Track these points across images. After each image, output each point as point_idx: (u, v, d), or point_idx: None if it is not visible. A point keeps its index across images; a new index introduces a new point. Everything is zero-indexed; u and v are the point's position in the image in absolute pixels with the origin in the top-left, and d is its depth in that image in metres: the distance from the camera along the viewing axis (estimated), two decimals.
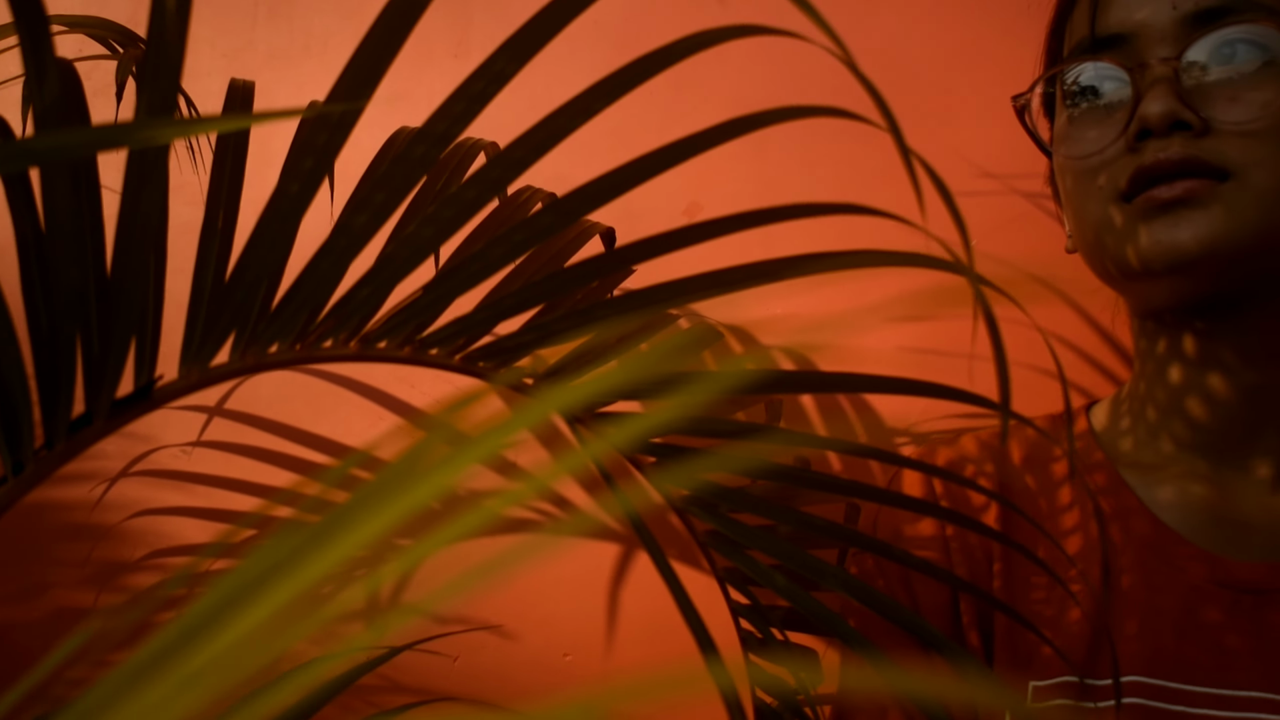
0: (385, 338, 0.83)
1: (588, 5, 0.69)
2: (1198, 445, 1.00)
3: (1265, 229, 0.90)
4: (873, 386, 0.85)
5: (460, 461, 0.36)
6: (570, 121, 0.73)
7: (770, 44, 1.43)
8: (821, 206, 0.70)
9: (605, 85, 0.71)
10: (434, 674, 1.45)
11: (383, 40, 0.71)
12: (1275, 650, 0.92)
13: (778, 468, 0.86)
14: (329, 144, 0.74)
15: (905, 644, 0.99)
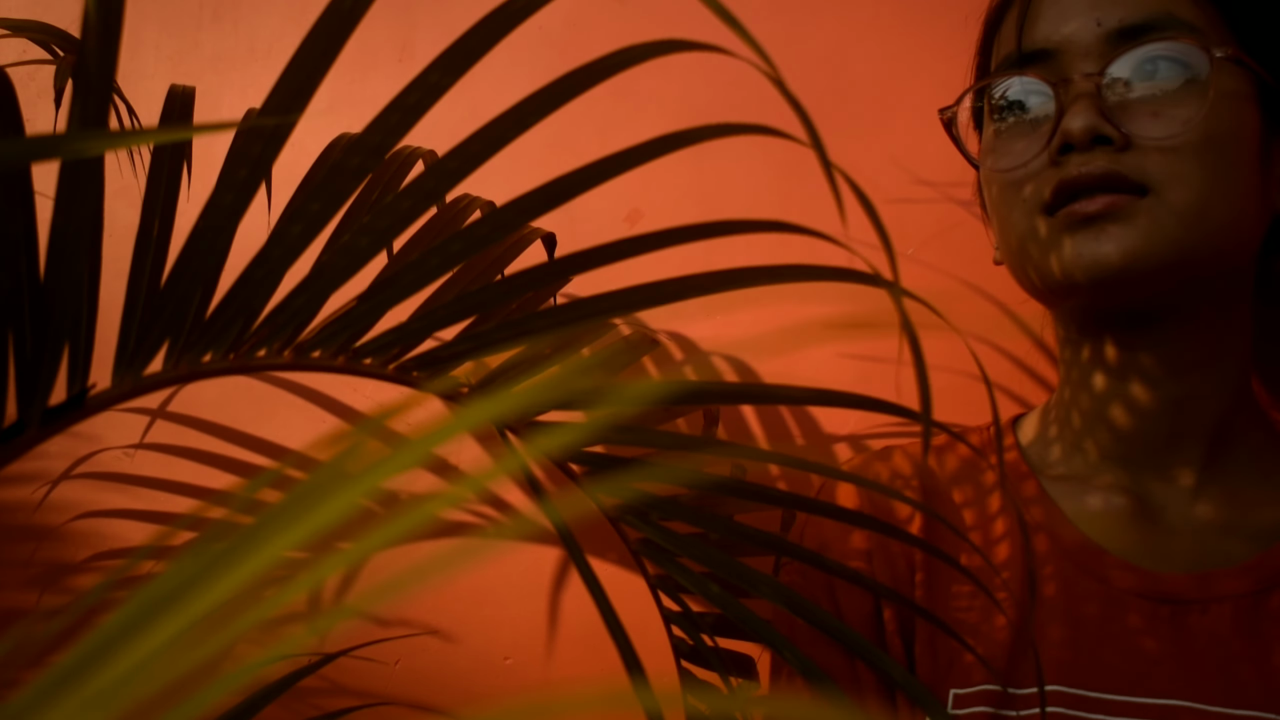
0: (319, 347, 0.83)
1: (521, 20, 0.70)
2: (1121, 456, 1.02)
3: (1184, 243, 0.92)
4: (796, 398, 0.87)
5: (385, 470, 0.36)
6: (505, 133, 0.73)
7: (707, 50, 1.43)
8: (752, 224, 0.71)
9: (538, 99, 0.71)
10: (375, 677, 1.45)
11: (318, 50, 0.71)
12: (1194, 658, 0.93)
13: (706, 477, 0.87)
14: (264, 155, 0.74)
15: (831, 651, 1.00)
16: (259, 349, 0.82)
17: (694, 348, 1.40)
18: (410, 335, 0.83)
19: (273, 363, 0.82)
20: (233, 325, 0.79)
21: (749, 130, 0.67)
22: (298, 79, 0.72)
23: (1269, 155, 0.98)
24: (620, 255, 0.76)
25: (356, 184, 0.78)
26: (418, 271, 0.79)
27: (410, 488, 1.41)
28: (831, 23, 1.42)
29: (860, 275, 0.70)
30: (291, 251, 0.78)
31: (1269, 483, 1.01)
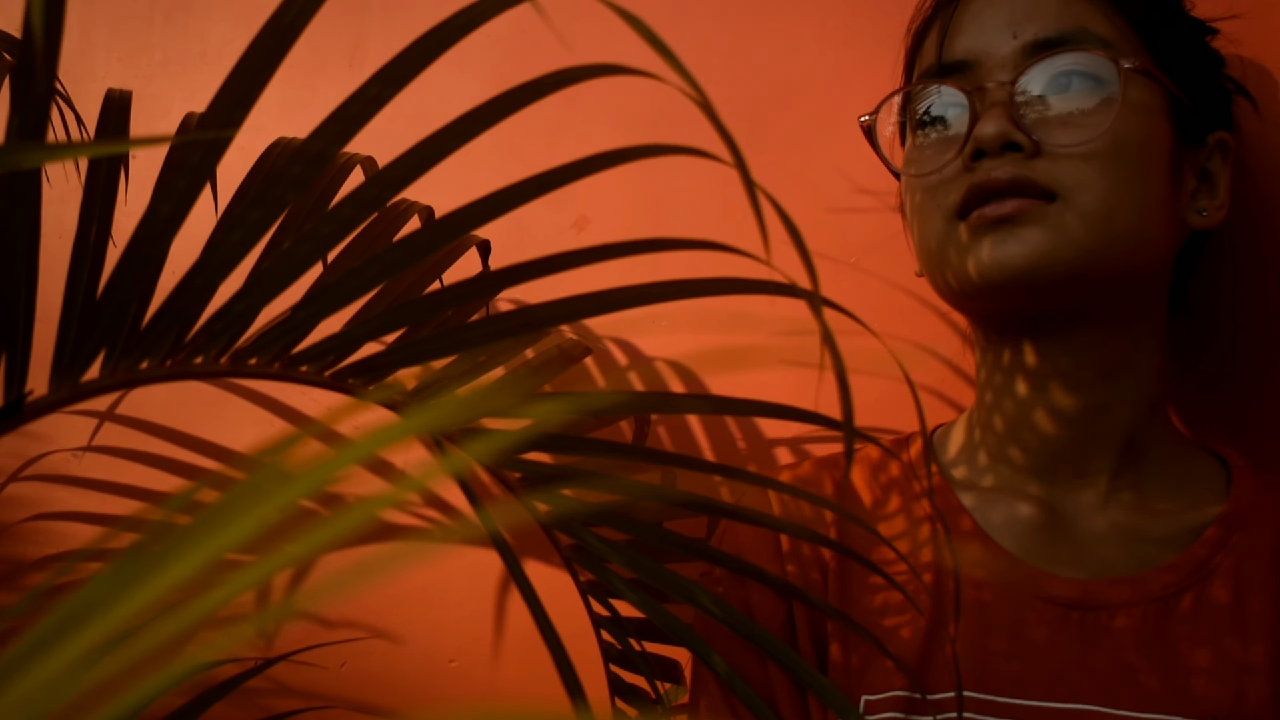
0: (256, 354, 0.84)
1: (459, 38, 0.71)
2: (1033, 464, 1.04)
3: (1090, 248, 0.95)
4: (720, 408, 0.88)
5: (315, 475, 0.37)
6: (447, 145, 0.74)
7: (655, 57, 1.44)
8: (679, 242, 0.72)
9: (480, 113, 0.72)
10: (321, 678, 1.45)
11: (259, 62, 0.72)
12: (1101, 664, 0.95)
13: (633, 485, 0.88)
14: (203, 164, 0.75)
15: (746, 655, 1.01)
16: (196, 356, 0.82)
17: (638, 354, 1.41)
18: (347, 343, 0.84)
19: (210, 370, 0.83)
20: (170, 332, 0.80)
21: (679, 151, 0.68)
22: (239, 89, 0.73)
23: (1179, 169, 1.01)
24: (554, 269, 0.77)
25: (297, 192, 0.79)
26: (356, 280, 0.80)
27: (353, 490, 1.42)
28: (777, 33, 1.43)
29: (780, 287, 0.71)
30: (230, 259, 0.78)
31: (1178, 491, 1.03)
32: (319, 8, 0.71)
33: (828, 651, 1.03)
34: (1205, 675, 0.93)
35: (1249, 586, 0.96)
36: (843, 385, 0.66)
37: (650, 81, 1.46)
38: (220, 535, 0.36)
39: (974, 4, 1.04)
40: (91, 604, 0.35)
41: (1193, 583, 0.97)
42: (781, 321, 1.32)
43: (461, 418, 0.78)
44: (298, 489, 0.37)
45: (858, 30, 1.38)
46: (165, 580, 0.35)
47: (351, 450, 0.39)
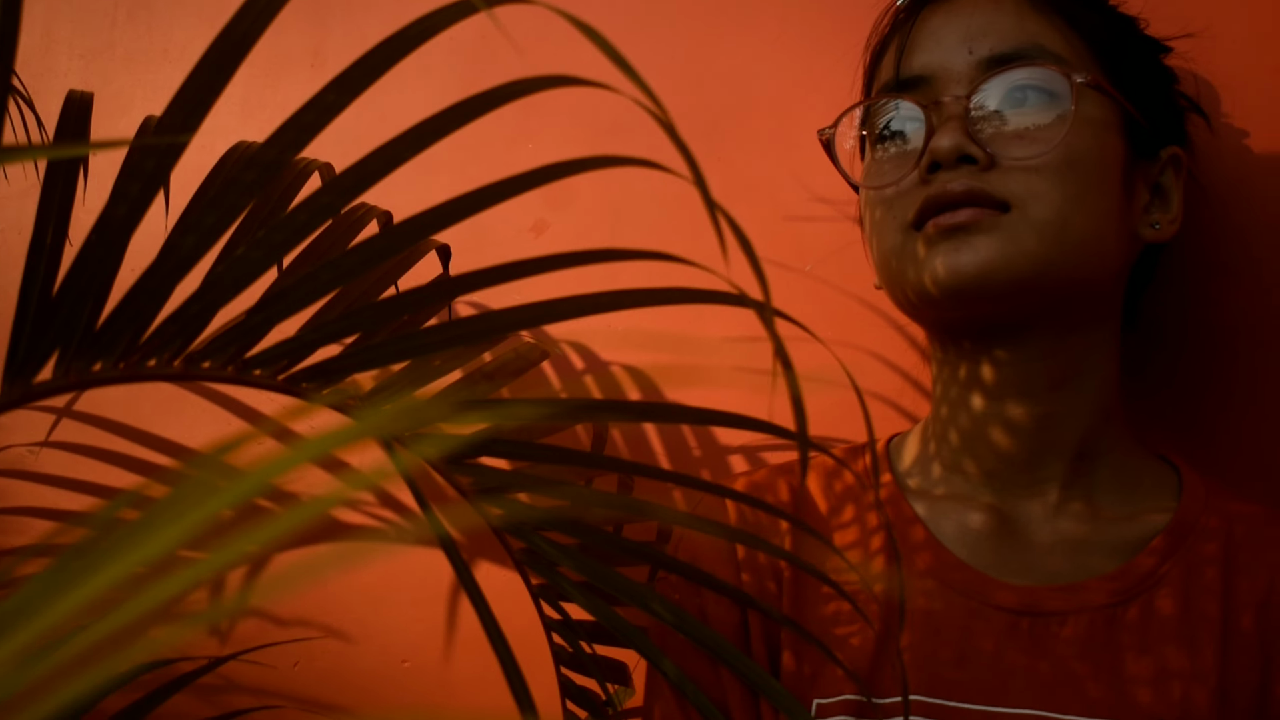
0: (210, 357, 0.84)
1: (414, 48, 0.71)
2: (986, 474, 1.05)
3: (1043, 258, 0.96)
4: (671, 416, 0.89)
5: (255, 478, 0.38)
6: (401, 153, 0.74)
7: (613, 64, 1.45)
8: (631, 252, 0.73)
9: (434, 123, 0.72)
10: (274, 676, 1.46)
11: (215, 67, 0.72)
12: (1048, 670, 0.97)
13: (586, 491, 0.89)
14: (158, 169, 0.75)
15: (700, 660, 1.02)
16: (150, 358, 0.83)
17: (595, 358, 1.41)
18: (300, 347, 0.85)
19: (163, 372, 0.83)
20: (123, 335, 0.80)
21: (634, 163, 0.69)
22: (195, 94, 0.73)
23: (1132, 182, 1.02)
24: (509, 277, 0.78)
25: (251, 198, 0.79)
26: (310, 285, 0.80)
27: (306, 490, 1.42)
28: (736, 42, 1.44)
29: (730, 297, 0.72)
30: (184, 263, 0.79)
31: (1130, 499, 1.04)
32: (275, 14, 0.71)
33: (781, 658, 1.03)
34: (1151, 684, 0.95)
35: (1195, 596, 0.98)
36: (795, 394, 0.67)
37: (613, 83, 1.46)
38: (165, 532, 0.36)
39: (931, 20, 1.05)
40: (33, 600, 0.35)
41: (1139, 592, 0.98)
42: (739, 327, 1.33)
43: (411, 421, 0.78)
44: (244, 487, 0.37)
45: (815, 40, 1.39)
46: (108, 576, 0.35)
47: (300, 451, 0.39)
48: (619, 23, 1.49)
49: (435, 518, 0.82)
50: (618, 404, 1.24)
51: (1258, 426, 1.18)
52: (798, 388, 0.66)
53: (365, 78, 0.72)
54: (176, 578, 0.35)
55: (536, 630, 1.07)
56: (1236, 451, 1.18)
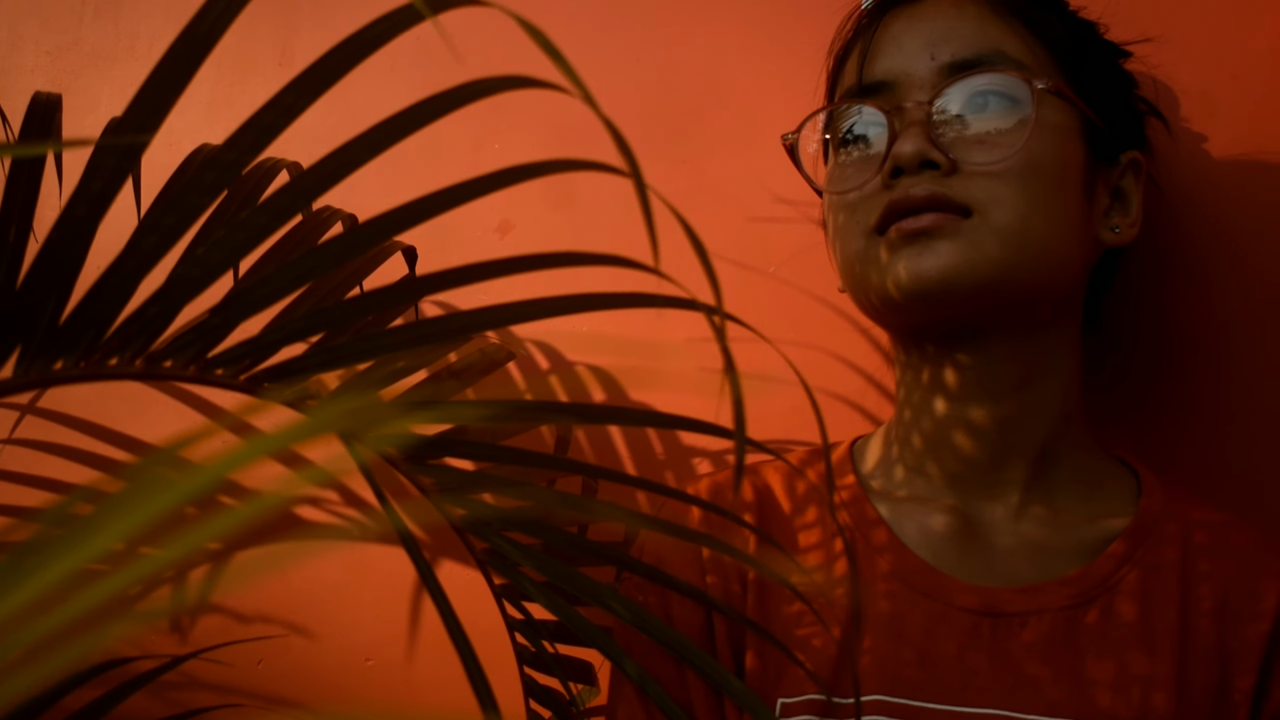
0: (172, 357, 0.84)
1: (372, 51, 0.71)
2: (949, 477, 1.06)
3: (1004, 262, 0.97)
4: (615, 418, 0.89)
5: (204, 474, 0.38)
6: (359, 156, 0.74)
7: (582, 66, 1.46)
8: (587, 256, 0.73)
9: (389, 125, 0.72)
10: (236, 675, 1.46)
11: (177, 66, 0.72)
12: (1013, 670, 0.97)
13: (548, 492, 0.90)
14: (119, 168, 0.76)
15: (665, 660, 1.03)
16: (111, 357, 0.83)
17: (560, 358, 1.42)
18: (262, 347, 0.85)
19: (124, 371, 0.83)
20: (85, 334, 0.80)
21: (580, 167, 0.69)
22: (156, 94, 0.73)
23: (1092, 187, 1.03)
24: (471, 279, 0.78)
25: (212, 199, 0.79)
26: (270, 286, 0.81)
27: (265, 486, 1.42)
28: (702, 45, 1.45)
29: (682, 301, 0.72)
30: (146, 263, 0.79)
31: (1090, 502, 1.05)
32: (237, 13, 0.72)
33: (744, 659, 1.04)
34: (1111, 686, 0.96)
35: (1154, 601, 0.99)
36: (736, 395, 0.68)
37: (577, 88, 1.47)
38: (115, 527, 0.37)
39: (893, 26, 1.06)
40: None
41: (1097, 595, 0.99)
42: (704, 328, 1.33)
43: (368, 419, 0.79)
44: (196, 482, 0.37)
45: (780, 44, 1.39)
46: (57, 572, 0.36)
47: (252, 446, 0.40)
48: (587, 26, 1.50)
49: (395, 513, 0.83)
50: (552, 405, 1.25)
51: (1216, 429, 1.19)
52: (739, 388, 0.66)
53: (323, 80, 0.72)
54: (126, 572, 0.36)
55: (501, 629, 1.08)
56: (1195, 454, 1.19)
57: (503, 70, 0.68)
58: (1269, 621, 0.97)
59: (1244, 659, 0.96)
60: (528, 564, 0.92)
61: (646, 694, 0.95)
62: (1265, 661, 0.96)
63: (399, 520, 0.83)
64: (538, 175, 0.72)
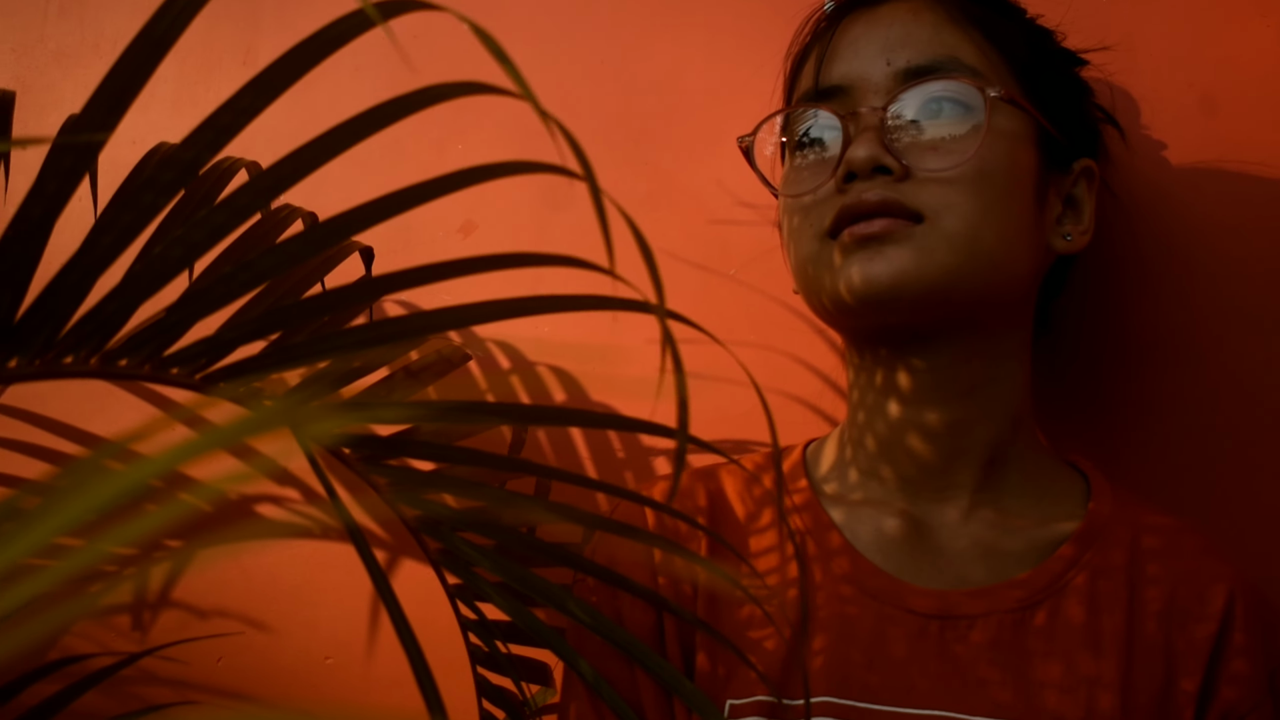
0: (127, 355, 0.84)
1: (329, 54, 0.72)
2: (900, 480, 1.07)
3: (954, 268, 0.98)
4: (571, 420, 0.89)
5: (144, 467, 0.38)
6: (317, 156, 0.75)
7: (545, 69, 1.46)
8: (539, 257, 0.74)
9: (344, 130, 0.72)
10: (195, 672, 1.46)
11: (134, 66, 0.72)
12: (959, 671, 0.98)
13: (502, 493, 0.90)
14: (74, 168, 0.75)
15: (616, 661, 1.03)
16: (66, 355, 0.83)
17: (521, 359, 1.42)
18: (218, 346, 0.85)
19: (80, 370, 0.83)
20: (40, 332, 0.80)
21: (534, 169, 0.70)
22: (112, 94, 0.73)
23: (1044, 194, 1.04)
24: (428, 279, 0.78)
25: (169, 198, 0.79)
26: (227, 284, 0.81)
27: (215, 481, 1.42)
28: (664, 50, 1.45)
29: (631, 303, 0.73)
30: (102, 261, 0.79)
31: (1039, 505, 1.06)
32: (195, 14, 0.72)
33: (695, 660, 1.04)
34: (1057, 687, 0.96)
35: (1102, 603, 0.99)
36: (681, 395, 0.68)
37: (545, 88, 1.47)
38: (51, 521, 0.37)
39: (851, 30, 1.07)
40: None
41: (1046, 597, 1.00)
42: None
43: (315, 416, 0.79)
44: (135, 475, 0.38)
45: (742, 49, 1.40)
46: None
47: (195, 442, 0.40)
48: (551, 32, 1.50)
49: (344, 508, 0.83)
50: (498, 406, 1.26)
51: (1167, 432, 1.20)
52: (684, 387, 0.67)
53: (280, 82, 0.72)
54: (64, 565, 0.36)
55: (457, 628, 1.08)
56: (1146, 457, 1.20)
57: (465, 73, 0.68)
58: (1214, 624, 0.98)
59: (1189, 661, 0.97)
60: (482, 564, 0.93)
61: (599, 694, 0.96)
62: (1210, 663, 0.97)
63: (348, 515, 0.84)
64: (494, 177, 0.73)
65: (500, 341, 1.43)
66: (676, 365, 0.66)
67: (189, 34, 0.72)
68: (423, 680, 0.83)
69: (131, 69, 0.72)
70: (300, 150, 0.74)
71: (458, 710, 0.97)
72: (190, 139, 0.75)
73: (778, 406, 1.31)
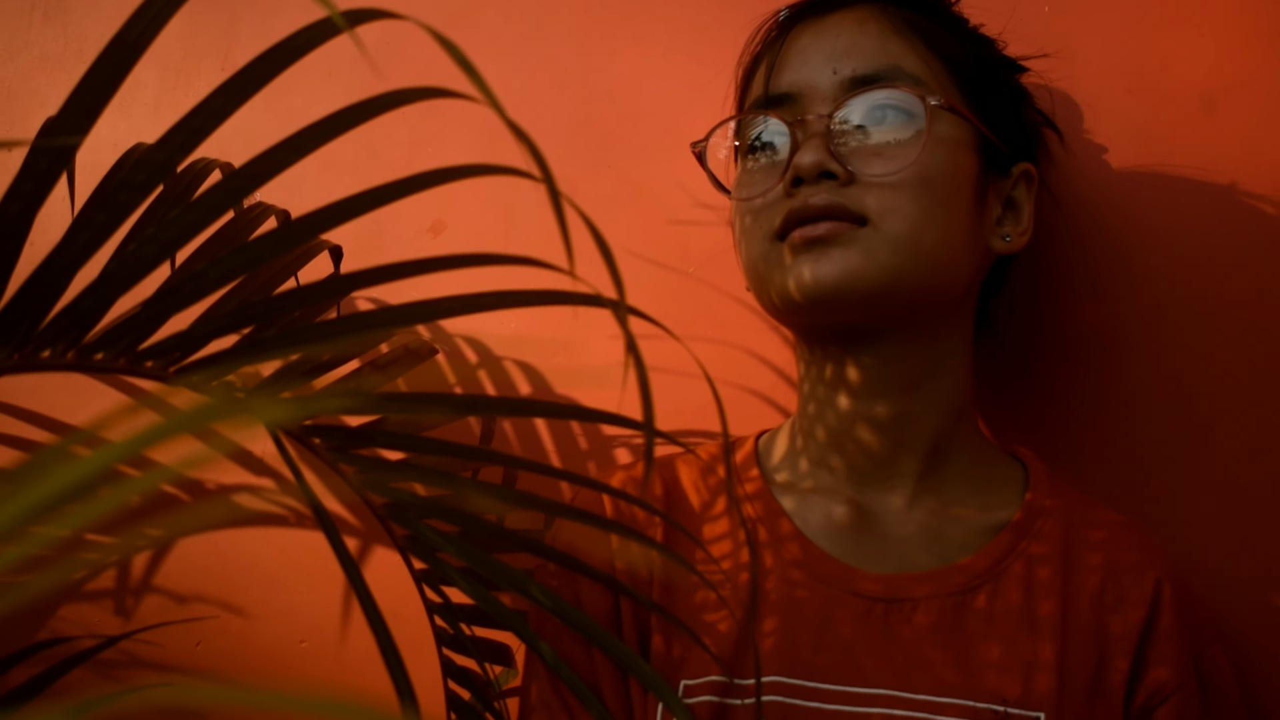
0: (103, 349, 0.84)
1: (297, 59, 0.72)
2: (848, 469, 1.08)
3: (895, 269, 0.99)
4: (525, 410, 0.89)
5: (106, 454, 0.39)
6: (286, 158, 0.75)
7: (511, 76, 1.47)
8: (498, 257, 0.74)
9: (311, 132, 0.73)
10: (175, 655, 1.46)
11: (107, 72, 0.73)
12: (902, 651, 1.00)
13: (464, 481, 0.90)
14: (50, 169, 0.76)
15: (575, 643, 1.04)
16: (44, 349, 0.83)
17: (487, 351, 1.43)
18: (192, 340, 0.85)
19: (56, 363, 0.83)
20: (18, 326, 0.80)
21: (495, 171, 0.70)
22: (88, 97, 0.73)
23: (983, 197, 1.05)
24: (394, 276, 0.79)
25: (143, 197, 0.79)
26: (201, 280, 0.81)
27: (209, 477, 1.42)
28: (627, 54, 1.46)
29: (589, 297, 0.74)
30: (79, 258, 0.79)
31: (979, 494, 1.08)
32: (166, 21, 0.72)
33: (651, 642, 1.05)
34: (997, 667, 0.98)
35: (1038, 589, 1.01)
36: (644, 387, 0.69)
37: (510, 92, 1.47)
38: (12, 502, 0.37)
39: (800, 39, 1.08)
40: None
41: (985, 582, 1.02)
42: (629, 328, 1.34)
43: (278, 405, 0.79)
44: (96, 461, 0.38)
45: (700, 56, 1.40)
46: None
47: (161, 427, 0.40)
48: (517, 39, 1.51)
49: (309, 491, 0.83)
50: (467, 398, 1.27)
51: (1104, 424, 1.21)
52: (645, 377, 0.67)
53: (249, 86, 0.73)
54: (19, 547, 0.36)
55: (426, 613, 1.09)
56: (1083, 447, 1.21)
57: (436, 78, 0.69)
58: (1144, 610, 1.00)
59: (1121, 644, 1.00)
60: (446, 550, 0.93)
61: (557, 674, 0.97)
62: (1140, 647, 0.99)
63: (314, 497, 0.84)
64: (456, 179, 0.73)
65: (468, 337, 1.44)
66: (638, 360, 0.66)
67: (169, 40, 0.73)
68: (391, 663, 0.83)
69: (106, 74, 0.73)
70: (269, 152, 0.75)
71: (425, 689, 0.98)
72: (163, 141, 0.76)
73: (733, 399, 1.32)
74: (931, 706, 0.97)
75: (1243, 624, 1.12)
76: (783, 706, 0.99)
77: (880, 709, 0.97)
